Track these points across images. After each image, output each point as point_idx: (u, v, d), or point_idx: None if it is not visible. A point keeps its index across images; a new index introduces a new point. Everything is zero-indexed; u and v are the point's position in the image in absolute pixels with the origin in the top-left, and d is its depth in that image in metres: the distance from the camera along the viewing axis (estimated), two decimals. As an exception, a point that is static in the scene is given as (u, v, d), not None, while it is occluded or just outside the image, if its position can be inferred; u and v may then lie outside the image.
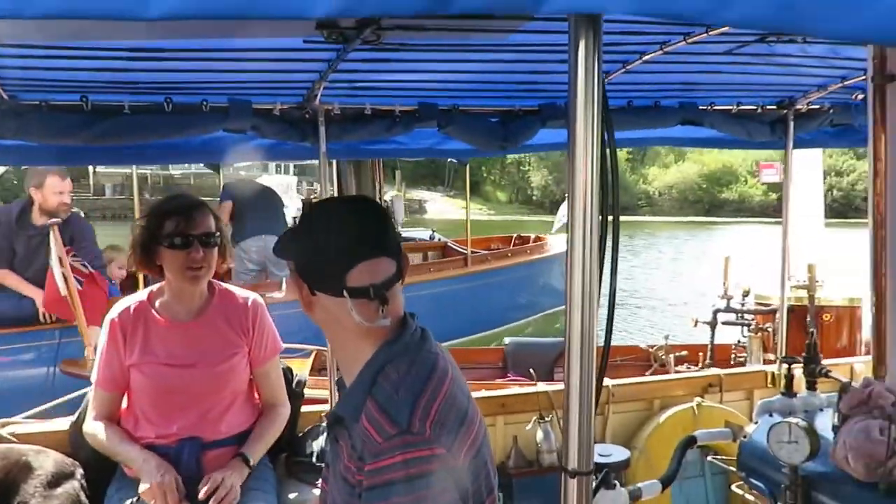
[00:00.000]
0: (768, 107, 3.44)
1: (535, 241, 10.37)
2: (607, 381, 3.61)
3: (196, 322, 2.36)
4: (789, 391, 2.56)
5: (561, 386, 3.64)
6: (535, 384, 3.64)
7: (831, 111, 3.46)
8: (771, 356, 4.80)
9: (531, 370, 5.01)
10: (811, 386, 2.56)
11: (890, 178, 2.14)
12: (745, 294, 5.11)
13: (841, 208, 35.28)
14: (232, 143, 2.93)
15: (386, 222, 1.44)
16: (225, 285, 2.49)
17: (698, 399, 3.58)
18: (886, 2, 0.90)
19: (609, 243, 1.11)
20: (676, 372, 5.10)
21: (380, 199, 10.59)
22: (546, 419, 3.34)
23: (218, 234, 2.33)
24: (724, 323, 5.12)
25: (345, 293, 1.36)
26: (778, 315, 4.68)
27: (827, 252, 6.22)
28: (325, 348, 4.55)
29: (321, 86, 2.58)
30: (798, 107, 3.42)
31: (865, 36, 0.97)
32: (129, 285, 5.90)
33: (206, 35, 1.86)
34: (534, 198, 49.55)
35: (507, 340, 6.19)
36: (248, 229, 7.13)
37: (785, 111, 3.43)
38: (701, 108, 3.27)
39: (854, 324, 4.92)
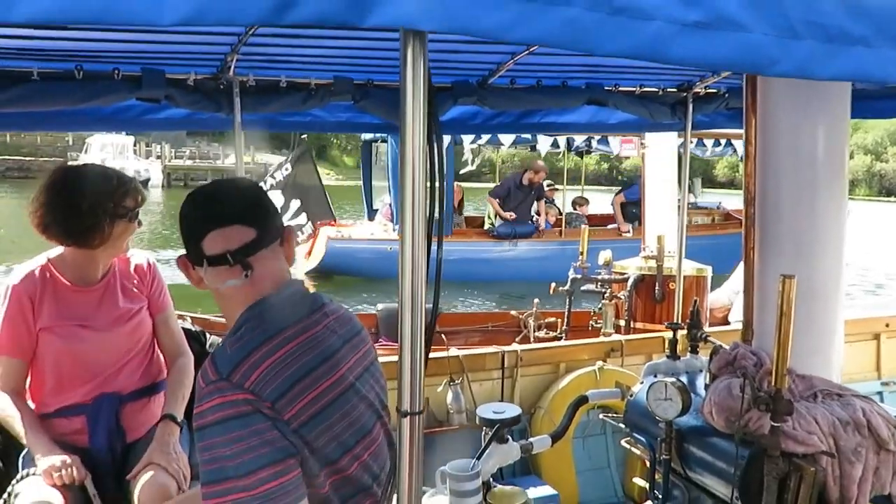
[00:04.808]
0: (669, 89, 3.64)
1: None
2: (516, 347, 3.82)
3: (101, 285, 2.42)
4: (674, 354, 2.79)
5: (472, 351, 3.85)
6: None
7: (726, 95, 3.68)
8: (621, 322, 5.07)
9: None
10: (694, 349, 2.80)
11: (759, 161, 2.34)
12: (606, 264, 5.35)
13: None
14: (145, 112, 2.95)
15: (241, 194, 1.55)
16: None
17: (600, 363, 3.82)
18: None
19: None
20: (536, 338, 5.35)
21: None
22: (456, 382, 3.52)
23: None
24: (583, 291, 5.34)
25: (205, 261, 1.49)
26: (630, 284, 4.98)
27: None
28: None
29: (234, 58, 2.62)
30: (696, 90, 3.63)
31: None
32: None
33: None
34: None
35: (380, 307, 6.60)
36: None
37: (684, 94, 3.64)
38: (606, 88, 3.44)
39: (700, 293, 5.12)
